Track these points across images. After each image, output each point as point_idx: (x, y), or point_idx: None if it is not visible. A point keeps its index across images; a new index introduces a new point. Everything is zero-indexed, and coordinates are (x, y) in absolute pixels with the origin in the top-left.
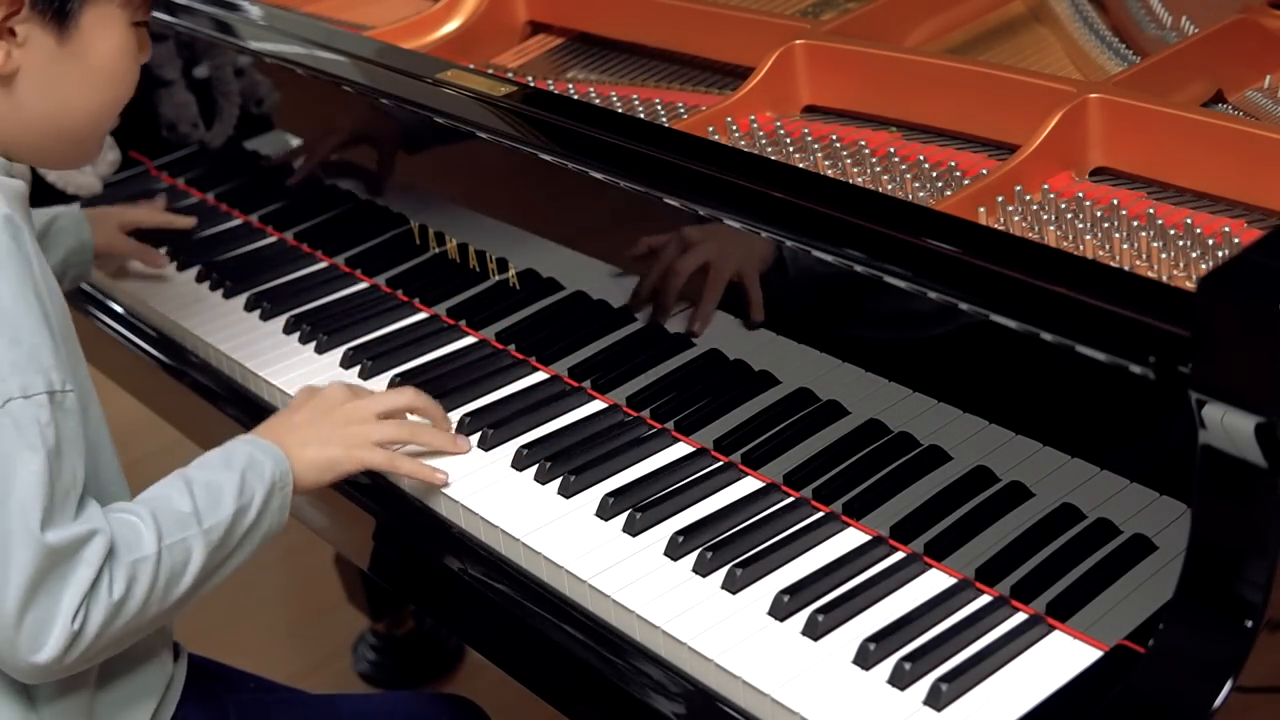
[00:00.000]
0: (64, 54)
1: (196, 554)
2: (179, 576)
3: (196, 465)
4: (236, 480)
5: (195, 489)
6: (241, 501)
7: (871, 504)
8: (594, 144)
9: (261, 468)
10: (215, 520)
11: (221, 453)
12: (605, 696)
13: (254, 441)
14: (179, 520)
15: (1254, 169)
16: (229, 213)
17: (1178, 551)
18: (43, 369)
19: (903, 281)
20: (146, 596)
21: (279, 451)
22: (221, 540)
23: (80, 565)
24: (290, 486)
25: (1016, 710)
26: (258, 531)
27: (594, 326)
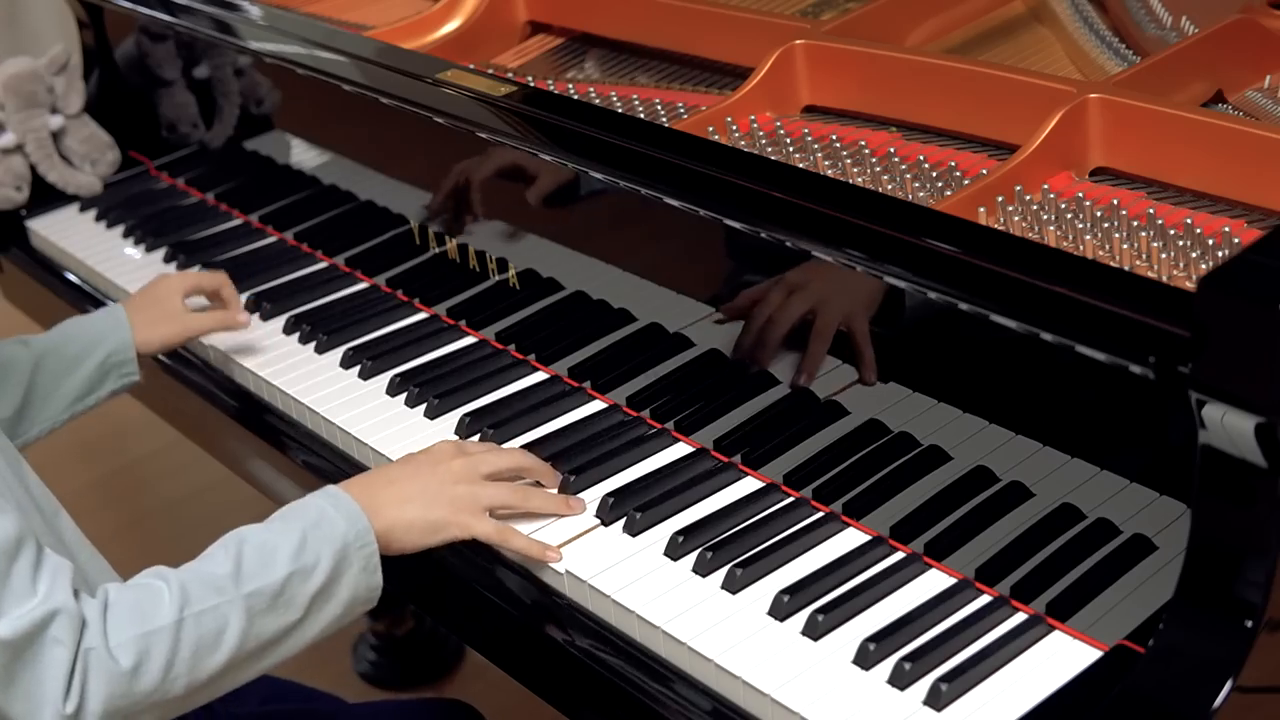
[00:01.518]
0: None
1: (234, 622)
2: (210, 646)
3: (266, 521)
4: (295, 539)
5: (245, 549)
6: (299, 563)
7: (871, 504)
8: (594, 144)
9: (331, 525)
10: (260, 584)
11: (294, 506)
12: (605, 696)
13: (332, 494)
14: (212, 585)
15: (1254, 169)
16: (229, 213)
17: (1178, 551)
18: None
19: (903, 281)
20: (166, 669)
21: (356, 508)
22: (270, 605)
23: (48, 646)
24: (372, 546)
25: (1016, 710)
26: (333, 598)
27: (594, 326)
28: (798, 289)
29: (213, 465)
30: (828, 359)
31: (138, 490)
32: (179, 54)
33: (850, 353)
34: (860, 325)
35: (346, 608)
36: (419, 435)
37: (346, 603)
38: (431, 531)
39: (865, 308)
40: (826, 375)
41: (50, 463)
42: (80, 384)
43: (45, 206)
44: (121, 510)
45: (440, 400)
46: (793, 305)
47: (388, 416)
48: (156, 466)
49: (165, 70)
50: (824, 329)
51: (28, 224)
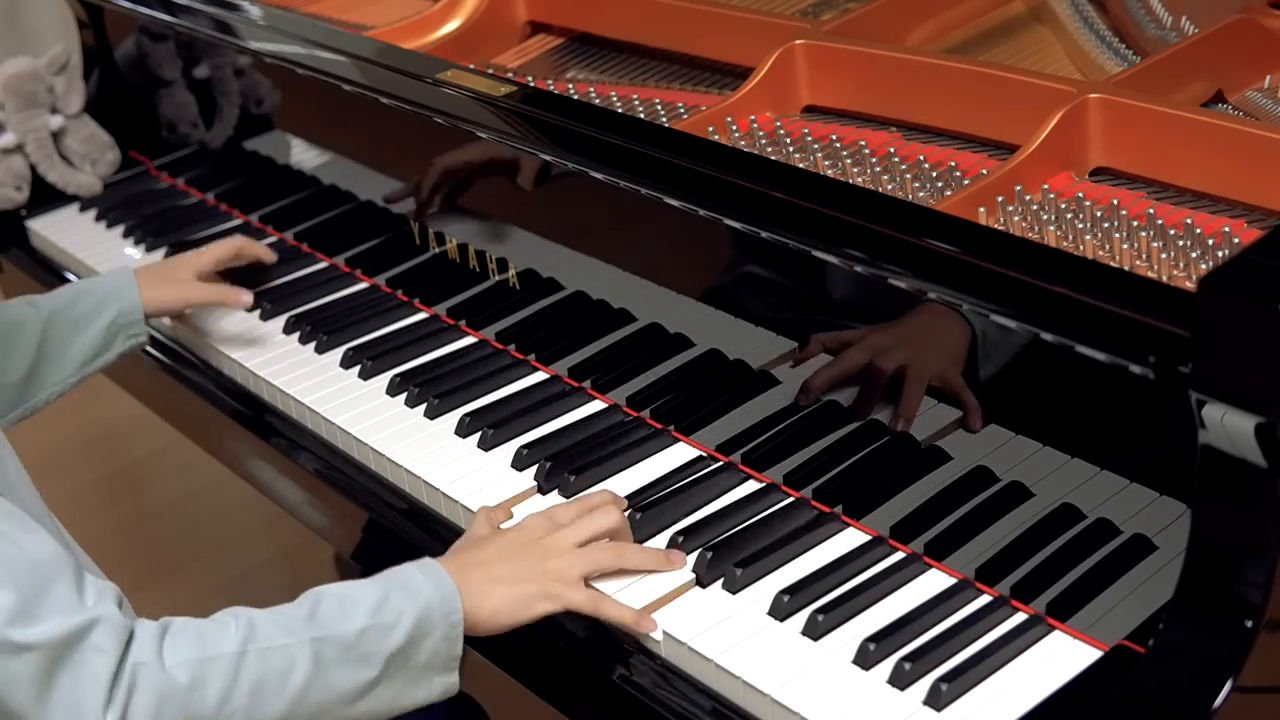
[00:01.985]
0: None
1: (300, 665)
2: (274, 688)
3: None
4: (376, 595)
5: (324, 599)
6: (378, 619)
7: (871, 504)
8: (594, 144)
9: (416, 589)
10: (332, 632)
11: (385, 571)
12: (605, 696)
13: (423, 563)
14: (282, 625)
15: (1254, 169)
16: (229, 213)
17: (1178, 551)
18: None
19: (903, 281)
20: (223, 700)
21: (446, 577)
22: (342, 657)
23: (89, 654)
24: (458, 615)
25: (1016, 710)
26: (410, 660)
27: (594, 326)
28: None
29: (213, 465)
30: (826, 358)
31: (138, 490)
32: (179, 54)
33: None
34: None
35: (424, 674)
36: (419, 435)
37: (424, 668)
38: (523, 607)
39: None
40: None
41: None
42: (90, 345)
43: (45, 206)
44: (121, 510)
45: (440, 400)
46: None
47: (388, 416)
48: (156, 466)
49: (165, 70)
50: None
51: (28, 224)
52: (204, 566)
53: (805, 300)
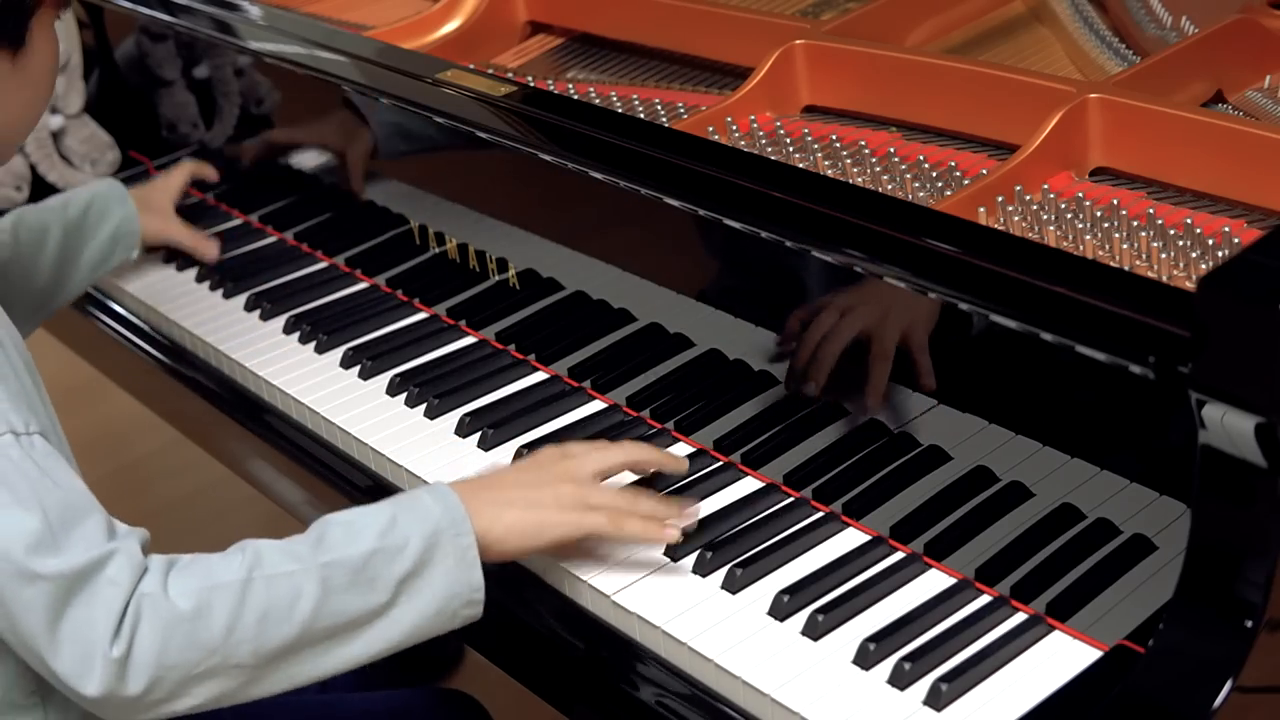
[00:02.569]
0: (13, 71)
1: (308, 591)
2: (282, 614)
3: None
4: (384, 519)
5: (330, 525)
6: (386, 542)
7: (871, 504)
8: (594, 144)
9: (425, 510)
10: (340, 555)
11: (394, 496)
12: (605, 696)
13: (432, 486)
14: (289, 553)
15: (1254, 169)
16: (229, 213)
17: (1178, 551)
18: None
19: (903, 281)
20: (229, 628)
21: (455, 499)
22: (350, 581)
23: (103, 585)
24: (470, 538)
25: (1016, 710)
26: (426, 587)
27: (594, 326)
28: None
29: (213, 465)
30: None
31: (138, 490)
32: (179, 54)
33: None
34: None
35: (442, 603)
36: (419, 435)
37: (442, 598)
38: (537, 532)
39: (869, 310)
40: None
41: None
42: (98, 251)
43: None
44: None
45: (440, 400)
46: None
47: (388, 416)
48: (156, 466)
49: (165, 70)
50: (834, 332)
51: None
52: None
53: (805, 300)
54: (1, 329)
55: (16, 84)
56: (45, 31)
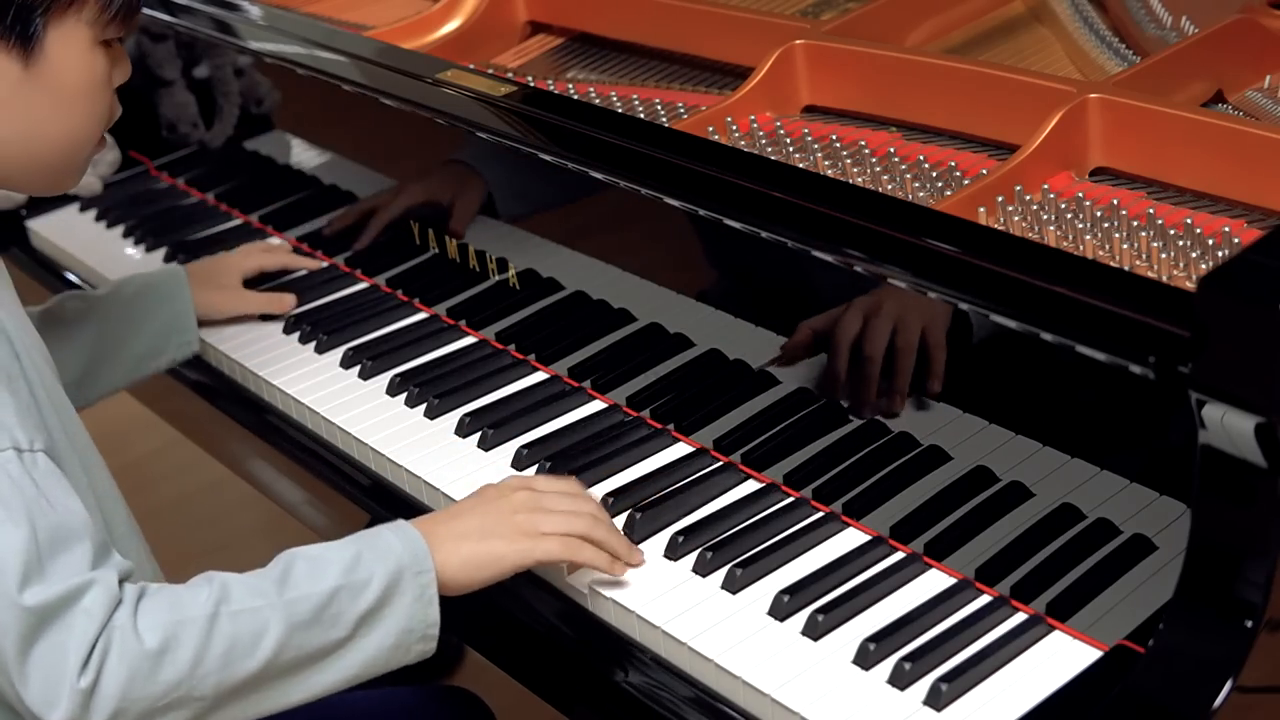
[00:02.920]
0: (31, 79)
1: (273, 628)
2: (245, 649)
3: (321, 544)
4: (349, 556)
5: (296, 561)
6: (349, 579)
7: (871, 504)
8: (594, 144)
9: (387, 548)
10: (304, 593)
11: (358, 534)
12: (605, 696)
13: (394, 524)
14: (255, 589)
15: (1254, 169)
16: (229, 213)
17: (1178, 551)
18: (5, 427)
19: (903, 281)
20: (194, 662)
21: (417, 536)
22: (314, 618)
23: (77, 616)
24: (430, 575)
25: (1016, 710)
26: (382, 623)
27: (594, 326)
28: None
29: (213, 465)
30: (826, 358)
31: (138, 490)
32: (179, 54)
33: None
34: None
35: (398, 639)
36: (419, 435)
37: (398, 633)
38: (492, 562)
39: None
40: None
41: None
42: (144, 345)
43: (45, 206)
44: None
45: (440, 400)
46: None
47: (388, 416)
48: (156, 466)
49: (165, 70)
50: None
51: (28, 224)
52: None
53: (805, 299)
54: (27, 338)
55: (39, 96)
56: (72, 42)
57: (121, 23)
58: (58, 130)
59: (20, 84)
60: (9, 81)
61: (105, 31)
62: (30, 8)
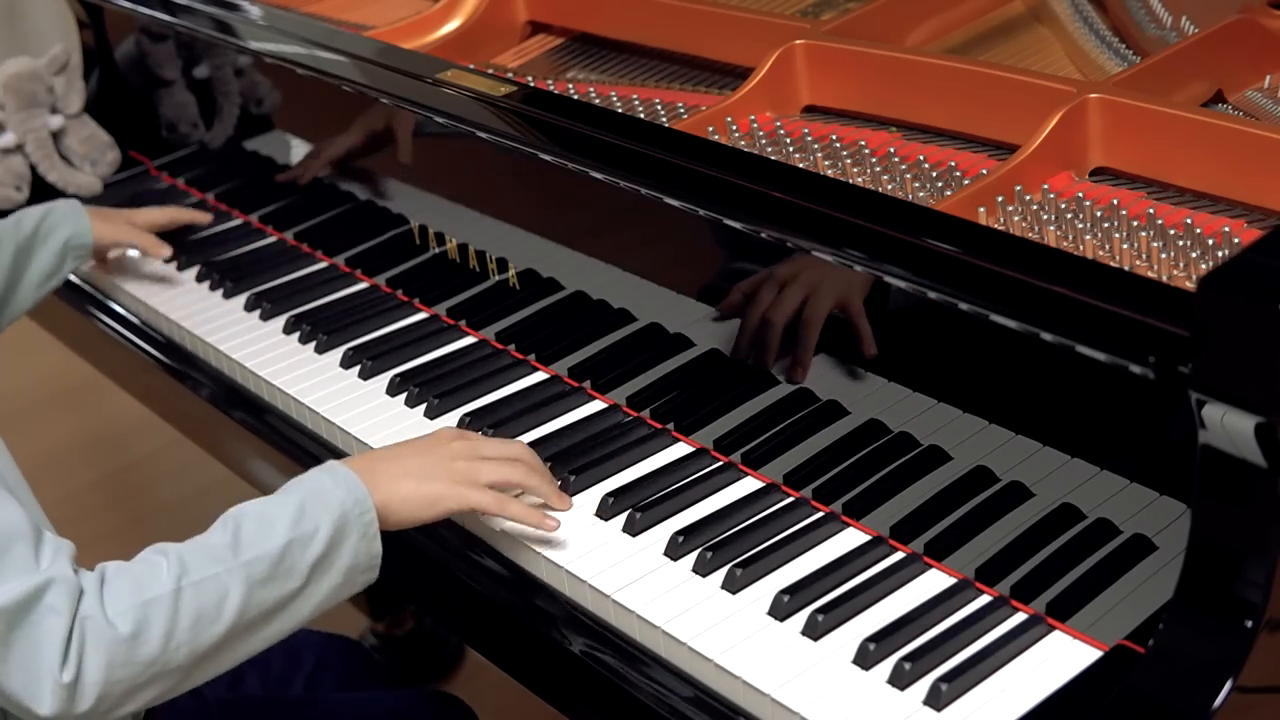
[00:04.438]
0: None
1: (234, 590)
2: (211, 615)
3: (263, 498)
4: (293, 509)
5: (243, 522)
6: (297, 531)
7: (871, 504)
8: (594, 144)
9: (328, 495)
10: (258, 552)
11: (292, 481)
12: (605, 696)
13: (330, 468)
14: (211, 555)
15: (1254, 169)
16: (229, 213)
17: (1178, 551)
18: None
19: (903, 281)
20: (167, 637)
21: (355, 479)
22: (270, 574)
23: (45, 615)
24: (371, 514)
25: (1016, 710)
26: (332, 566)
27: (594, 326)
28: (793, 283)
29: (213, 465)
30: (826, 359)
31: (138, 490)
32: (179, 54)
33: (850, 342)
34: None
35: (346, 576)
36: (419, 435)
37: (346, 570)
38: (429, 504)
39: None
40: (825, 375)
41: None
42: (47, 264)
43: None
44: (121, 510)
45: (440, 400)
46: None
47: (388, 416)
48: (156, 466)
49: (165, 70)
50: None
51: None
52: None
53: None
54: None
55: None
56: None
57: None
58: None
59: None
60: None
61: None
62: None
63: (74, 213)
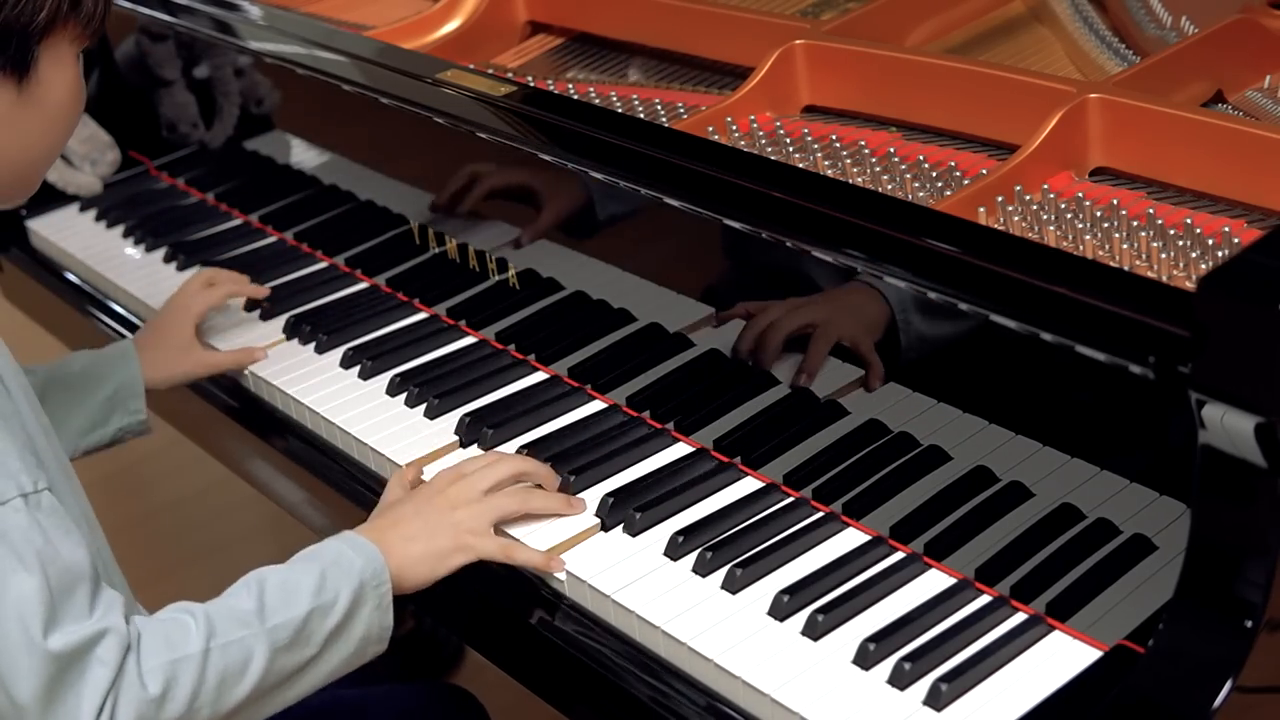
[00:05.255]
0: (23, 101)
1: (258, 655)
2: (235, 678)
3: (283, 564)
4: (315, 577)
5: (267, 587)
6: (320, 600)
7: (871, 504)
8: (594, 144)
9: (349, 565)
10: (283, 619)
11: (310, 550)
12: (604, 696)
13: (348, 538)
14: (238, 619)
15: (1254, 169)
16: (229, 213)
17: (1178, 551)
18: (10, 474)
19: (903, 281)
20: (192, 698)
21: (374, 549)
22: (292, 641)
23: (94, 665)
24: (387, 585)
25: (1016, 710)
26: (349, 635)
27: (594, 326)
28: (800, 295)
29: (213, 465)
30: (828, 359)
31: (138, 490)
32: (179, 54)
33: (856, 359)
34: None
35: (358, 646)
36: (419, 435)
37: (359, 640)
38: (439, 561)
39: (867, 312)
40: (826, 375)
41: None
42: (86, 418)
43: (45, 206)
44: (122, 510)
45: (440, 400)
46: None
47: (388, 416)
48: (156, 466)
49: (165, 70)
50: (826, 333)
51: (28, 224)
52: (204, 566)
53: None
54: (9, 374)
55: (30, 115)
56: (58, 61)
57: (93, 35)
58: (43, 144)
59: (13, 107)
60: (3, 106)
61: (81, 45)
62: (29, 36)
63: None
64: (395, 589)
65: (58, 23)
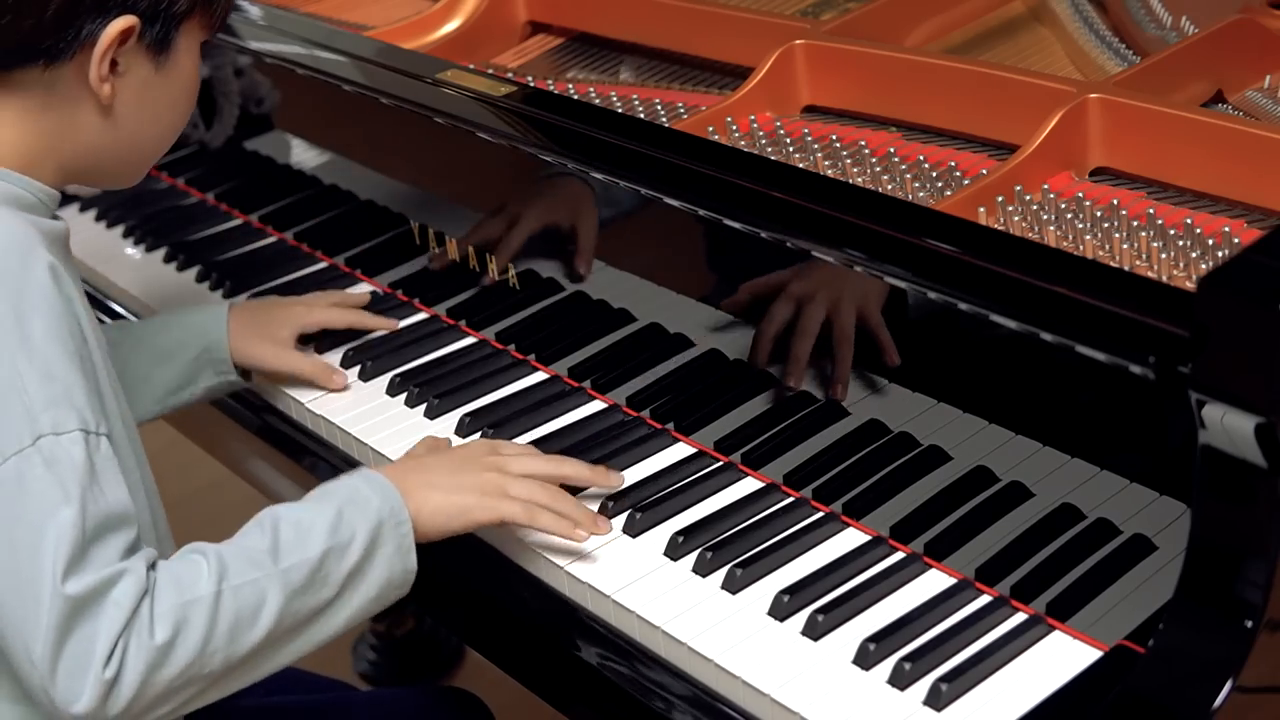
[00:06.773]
0: (159, 78)
1: (272, 597)
2: (248, 621)
3: (299, 501)
4: (330, 516)
5: (281, 526)
6: (335, 539)
7: (871, 504)
8: (594, 144)
9: (366, 503)
10: (297, 559)
11: (326, 486)
12: (604, 696)
13: (365, 475)
14: (250, 559)
15: (1254, 169)
16: (229, 213)
17: (1178, 551)
18: (75, 407)
19: (903, 281)
20: (203, 642)
21: (391, 487)
22: (308, 582)
23: (108, 607)
24: (407, 525)
25: (1016, 710)
26: (367, 576)
27: (594, 326)
28: (802, 289)
29: (213, 465)
30: (826, 359)
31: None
32: None
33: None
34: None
35: (380, 590)
36: (419, 435)
37: (380, 584)
38: (459, 514)
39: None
40: (825, 375)
41: None
42: (174, 376)
43: None
44: None
45: (440, 400)
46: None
47: (388, 416)
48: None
49: None
50: (818, 328)
51: None
52: None
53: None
54: (92, 329)
55: (163, 92)
56: (190, 48)
57: (216, 29)
58: (170, 121)
59: (150, 81)
60: (141, 81)
61: (205, 35)
62: (173, 19)
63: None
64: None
65: (195, 11)
